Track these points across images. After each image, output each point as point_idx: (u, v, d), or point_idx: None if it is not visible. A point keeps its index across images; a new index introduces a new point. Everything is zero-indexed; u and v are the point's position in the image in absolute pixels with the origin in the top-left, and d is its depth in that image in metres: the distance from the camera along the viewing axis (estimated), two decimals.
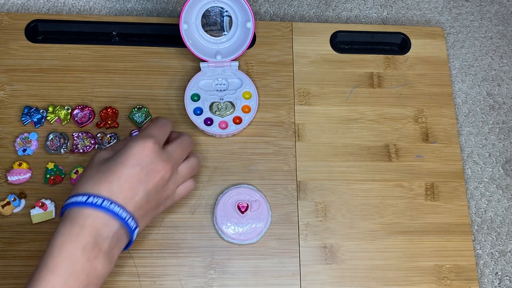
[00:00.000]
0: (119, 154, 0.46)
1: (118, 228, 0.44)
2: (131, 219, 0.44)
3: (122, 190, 0.44)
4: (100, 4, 0.72)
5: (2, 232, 0.57)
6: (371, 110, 0.66)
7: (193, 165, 0.52)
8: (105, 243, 0.43)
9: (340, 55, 0.68)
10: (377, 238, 0.60)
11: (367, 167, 0.63)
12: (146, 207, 0.47)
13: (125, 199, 0.44)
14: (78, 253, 0.41)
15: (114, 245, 0.44)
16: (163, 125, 0.50)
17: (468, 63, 0.73)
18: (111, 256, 0.43)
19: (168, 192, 0.49)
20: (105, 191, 0.44)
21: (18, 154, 0.60)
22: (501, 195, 0.65)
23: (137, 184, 0.45)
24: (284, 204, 0.60)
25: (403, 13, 0.75)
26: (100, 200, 0.43)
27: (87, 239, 0.42)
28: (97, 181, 0.44)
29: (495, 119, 0.69)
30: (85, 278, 0.41)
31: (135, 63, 0.66)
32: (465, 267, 0.60)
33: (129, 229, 0.45)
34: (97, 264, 0.42)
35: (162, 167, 0.47)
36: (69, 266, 0.40)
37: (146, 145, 0.46)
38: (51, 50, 0.65)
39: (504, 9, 0.77)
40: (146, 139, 0.46)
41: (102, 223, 0.43)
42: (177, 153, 0.50)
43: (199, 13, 0.62)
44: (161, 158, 0.47)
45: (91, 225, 0.42)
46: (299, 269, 0.58)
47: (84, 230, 0.42)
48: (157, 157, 0.46)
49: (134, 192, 0.45)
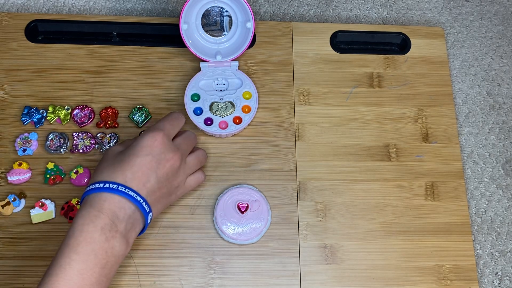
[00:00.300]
0: (131, 146, 0.50)
1: (133, 211, 0.47)
2: (145, 203, 0.48)
3: (135, 177, 0.48)
4: (100, 4, 0.72)
5: (2, 232, 0.57)
6: (371, 110, 0.66)
7: (200, 156, 0.57)
8: (121, 224, 0.46)
9: (340, 55, 0.68)
10: (377, 238, 0.60)
11: (367, 167, 0.63)
12: (158, 193, 0.50)
13: (138, 185, 0.48)
14: (97, 233, 0.44)
15: (130, 227, 0.47)
16: (174, 119, 0.55)
17: (468, 63, 0.73)
18: (127, 237, 0.47)
19: (179, 181, 0.53)
20: (119, 178, 0.48)
21: (18, 154, 0.60)
22: (501, 195, 0.65)
23: (149, 172, 0.49)
24: (284, 204, 0.60)
25: (403, 13, 0.75)
26: (115, 186, 0.47)
27: (104, 221, 0.45)
28: (113, 170, 0.48)
29: (495, 119, 0.69)
30: (104, 256, 0.44)
31: (135, 63, 0.66)
32: (465, 267, 0.60)
33: (143, 211, 0.48)
34: (115, 243, 0.45)
35: (172, 156, 0.51)
36: (89, 244, 0.44)
37: (157, 137, 0.50)
38: (51, 50, 0.65)
39: (504, 9, 0.77)
40: (156, 132, 0.51)
41: (119, 206, 0.46)
42: (184, 144, 0.54)
43: (199, 13, 0.62)
44: (171, 148, 0.51)
45: (108, 208, 0.46)
46: (299, 269, 0.58)
47: (102, 212, 0.45)
48: (166, 148, 0.51)
49: (146, 179, 0.49)
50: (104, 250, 0.44)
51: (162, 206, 0.53)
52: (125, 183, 0.47)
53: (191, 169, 0.55)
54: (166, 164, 0.50)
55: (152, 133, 0.51)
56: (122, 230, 0.46)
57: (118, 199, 0.47)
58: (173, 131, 0.54)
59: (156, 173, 0.50)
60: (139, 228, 0.49)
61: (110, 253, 0.45)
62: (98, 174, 0.49)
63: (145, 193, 0.48)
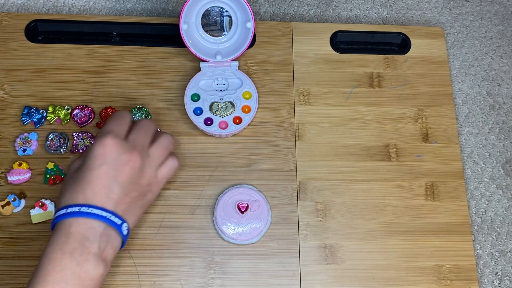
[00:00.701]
0: (84, 161, 0.47)
1: (104, 228, 0.45)
2: (114, 216, 0.45)
3: (96, 192, 0.45)
4: (100, 4, 0.72)
5: (2, 232, 0.57)
6: (371, 110, 0.66)
7: (163, 143, 0.52)
8: (93, 245, 0.44)
9: (340, 55, 0.68)
10: (377, 238, 0.60)
11: (367, 167, 0.63)
12: (127, 200, 0.47)
13: (102, 199, 0.45)
14: (66, 259, 0.43)
15: (105, 245, 0.45)
16: (118, 117, 0.51)
17: (468, 63, 0.73)
18: (103, 256, 0.44)
19: (148, 178, 0.49)
20: (80, 199, 0.45)
21: (18, 154, 0.60)
22: (501, 195, 0.65)
23: (109, 182, 0.46)
24: (284, 204, 0.60)
25: (403, 13, 0.75)
26: (77, 208, 0.44)
27: (73, 245, 0.43)
28: (72, 191, 0.46)
29: (495, 119, 0.69)
30: (78, 281, 0.42)
31: (135, 63, 0.66)
32: (465, 267, 0.60)
33: (114, 225, 0.45)
34: (88, 266, 0.43)
35: (129, 157, 0.47)
36: (59, 272, 0.42)
37: (106, 143, 0.47)
38: (51, 50, 0.65)
39: (504, 9, 0.77)
40: (103, 137, 0.47)
41: (86, 227, 0.44)
42: (140, 138, 0.50)
43: (199, 13, 0.62)
44: (124, 149, 0.47)
45: (75, 232, 0.44)
46: (299, 269, 0.58)
47: (70, 237, 0.44)
48: (119, 150, 0.47)
49: (109, 190, 0.46)
50: (77, 276, 0.42)
51: (140, 209, 0.50)
52: (86, 202, 0.45)
53: (158, 160, 0.51)
54: (125, 167, 0.47)
55: (100, 140, 0.47)
56: (95, 251, 0.44)
57: (83, 221, 0.44)
58: (122, 129, 0.50)
59: (118, 180, 0.46)
60: (117, 243, 0.46)
61: (85, 277, 0.43)
62: (61, 198, 0.47)
63: (112, 206, 0.46)
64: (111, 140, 0.47)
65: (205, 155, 0.62)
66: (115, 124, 0.50)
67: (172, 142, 0.53)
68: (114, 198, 0.46)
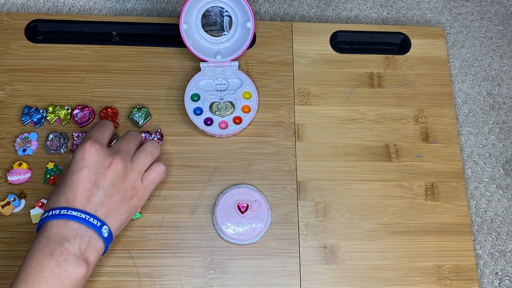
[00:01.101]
0: (68, 166, 0.49)
1: (84, 230, 0.46)
2: (93, 218, 0.46)
3: (77, 195, 0.47)
4: (100, 4, 0.72)
5: (2, 232, 0.57)
6: (371, 110, 0.66)
7: (147, 149, 0.54)
8: (73, 246, 0.45)
9: (340, 55, 0.68)
10: (377, 238, 0.60)
11: (367, 167, 0.63)
12: (109, 203, 0.48)
13: (82, 202, 0.47)
14: (45, 260, 0.44)
15: (86, 246, 0.46)
16: (101, 126, 0.54)
17: (468, 63, 0.73)
18: (85, 257, 0.46)
19: (132, 182, 0.51)
20: (62, 202, 0.47)
21: (18, 154, 0.60)
22: (501, 195, 0.65)
23: (89, 185, 0.48)
24: (284, 204, 0.60)
25: (403, 13, 0.75)
26: (57, 211, 0.46)
27: (53, 246, 0.44)
28: (55, 196, 0.48)
29: (495, 119, 0.69)
30: (58, 281, 0.44)
31: (135, 63, 0.66)
32: (465, 267, 0.60)
33: (94, 227, 0.46)
34: (69, 266, 0.44)
35: (110, 161, 0.49)
36: (38, 272, 0.43)
37: (86, 147, 0.49)
38: (51, 50, 0.65)
39: (504, 9, 0.77)
40: (84, 143, 0.50)
41: (66, 229, 0.46)
42: (124, 145, 0.52)
43: (199, 13, 0.62)
44: (105, 153, 0.49)
45: (56, 233, 0.45)
46: (299, 269, 0.58)
47: (50, 239, 0.45)
48: (100, 154, 0.49)
49: (89, 193, 0.47)
50: (57, 275, 0.44)
51: (125, 213, 0.50)
52: (68, 205, 0.46)
53: (142, 165, 0.52)
54: (106, 171, 0.49)
55: (80, 146, 0.49)
56: (75, 252, 0.45)
57: (64, 223, 0.46)
58: (103, 137, 0.52)
59: (98, 184, 0.48)
60: (100, 245, 0.47)
61: (65, 277, 0.44)
62: (47, 203, 0.49)
63: (92, 209, 0.47)
64: (91, 145, 0.49)
65: (205, 155, 0.62)
66: (96, 131, 0.52)
67: (156, 147, 0.55)
68: (95, 201, 0.47)
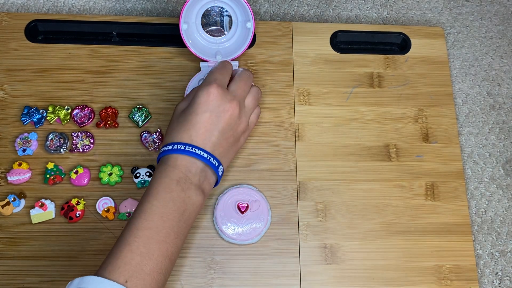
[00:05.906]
0: (190, 105, 0.53)
1: (203, 166, 0.51)
2: (213, 158, 0.52)
3: (199, 134, 0.51)
4: (100, 4, 0.72)
5: (2, 232, 0.57)
6: (371, 110, 0.66)
7: (256, 95, 0.58)
8: (194, 177, 0.50)
9: (340, 55, 0.68)
10: (377, 238, 0.60)
11: (367, 167, 0.63)
12: (224, 145, 0.53)
13: (203, 142, 0.51)
14: (173, 184, 0.49)
15: (204, 179, 0.52)
16: (222, 67, 0.56)
17: (468, 63, 0.73)
18: (202, 188, 0.51)
19: (243, 126, 0.56)
20: (185, 138, 0.51)
21: (18, 154, 0.60)
22: (501, 195, 0.65)
23: (211, 127, 0.52)
24: (284, 204, 0.60)
25: (403, 13, 0.75)
26: (183, 146, 0.51)
27: (179, 174, 0.50)
28: (178, 130, 0.52)
29: (495, 119, 0.69)
30: (182, 204, 0.49)
31: (135, 63, 0.66)
32: (465, 267, 0.60)
33: (212, 166, 0.52)
34: (191, 193, 0.50)
35: (230, 106, 0.53)
36: (167, 193, 0.49)
37: (210, 91, 0.52)
38: (51, 50, 0.65)
39: (504, 9, 0.77)
40: (208, 86, 0.53)
41: (189, 162, 0.51)
42: (240, 89, 0.55)
43: (199, 13, 0.62)
44: (227, 99, 0.53)
45: (181, 164, 0.50)
46: (299, 269, 0.58)
47: (176, 168, 0.50)
48: (222, 99, 0.53)
49: (210, 134, 0.52)
50: (182, 199, 0.49)
51: (233, 153, 0.56)
52: (191, 142, 0.51)
53: (251, 110, 0.57)
54: (225, 115, 0.52)
55: (205, 88, 0.52)
56: (196, 182, 0.50)
57: (187, 158, 0.51)
58: (225, 79, 0.55)
59: (218, 126, 0.52)
60: (213, 180, 0.53)
61: (188, 202, 0.49)
62: (168, 135, 0.53)
63: (211, 148, 0.52)
64: (215, 89, 0.52)
65: None
66: (219, 73, 0.55)
67: (260, 93, 0.59)
68: (214, 142, 0.52)
